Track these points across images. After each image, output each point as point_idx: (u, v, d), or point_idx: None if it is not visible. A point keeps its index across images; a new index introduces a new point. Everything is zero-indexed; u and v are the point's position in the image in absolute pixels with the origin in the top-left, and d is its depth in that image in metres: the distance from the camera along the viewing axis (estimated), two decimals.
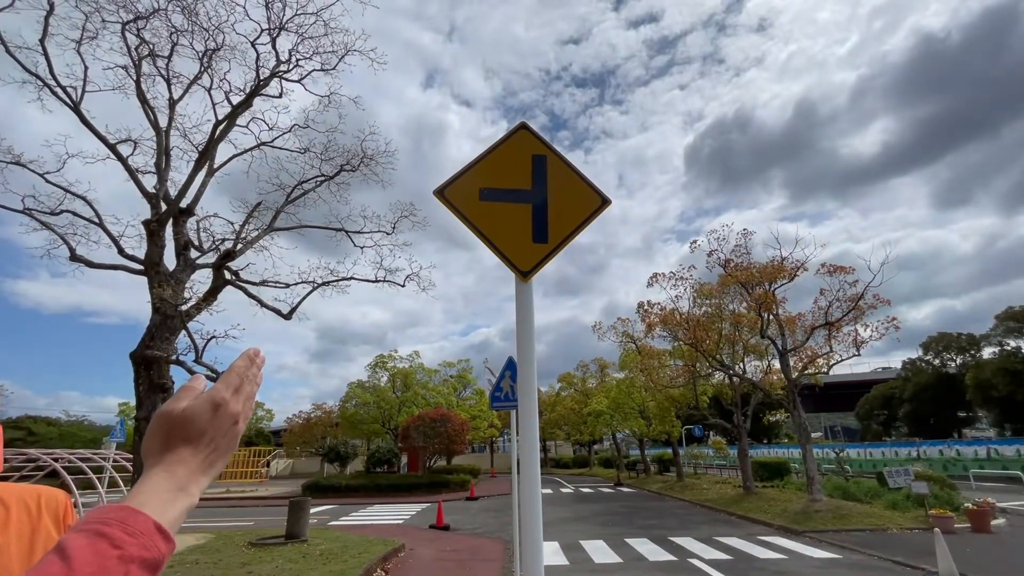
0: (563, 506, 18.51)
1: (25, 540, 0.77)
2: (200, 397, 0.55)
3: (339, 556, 9.13)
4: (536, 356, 1.96)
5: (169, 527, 0.48)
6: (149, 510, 0.47)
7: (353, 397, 33.57)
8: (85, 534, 0.44)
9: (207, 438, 0.54)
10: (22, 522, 0.78)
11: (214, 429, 0.54)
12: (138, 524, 0.46)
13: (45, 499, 0.83)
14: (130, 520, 0.46)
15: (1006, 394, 28.43)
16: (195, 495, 0.52)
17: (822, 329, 15.09)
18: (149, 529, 0.46)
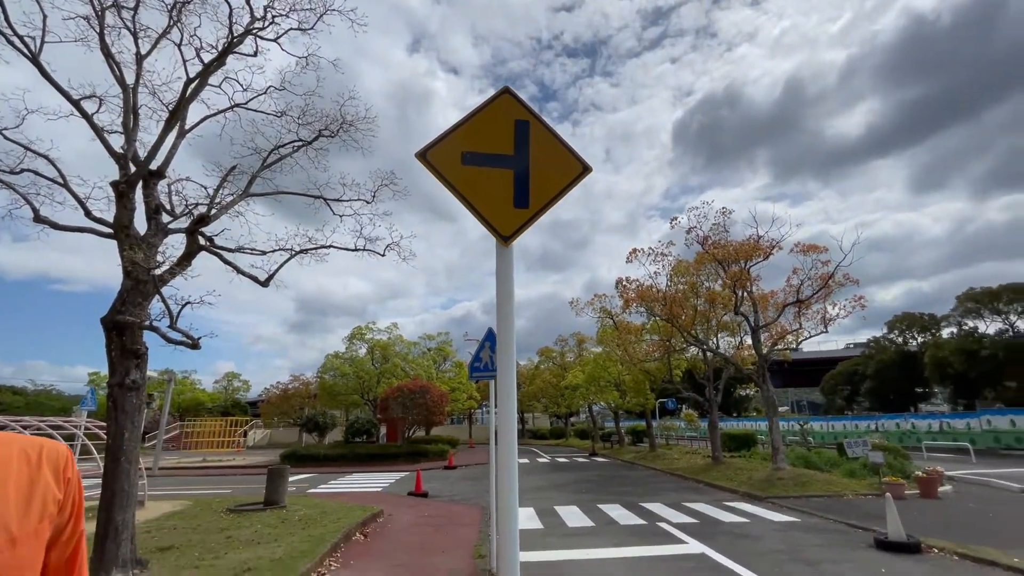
0: (539, 474, 19.02)
1: (23, 490, 0.78)
2: None
3: (318, 521, 9.28)
4: (515, 321, 2.00)
5: None
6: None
7: (331, 368, 33.48)
8: None
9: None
10: (21, 472, 0.79)
11: None
12: None
13: (47, 451, 0.84)
14: None
15: (960, 372, 29.93)
16: None
17: (793, 307, 15.55)
18: None
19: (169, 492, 14.64)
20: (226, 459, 28.05)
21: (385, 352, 33.96)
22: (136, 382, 5.61)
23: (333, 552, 7.54)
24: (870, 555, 7.28)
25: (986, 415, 27.76)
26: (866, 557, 7.18)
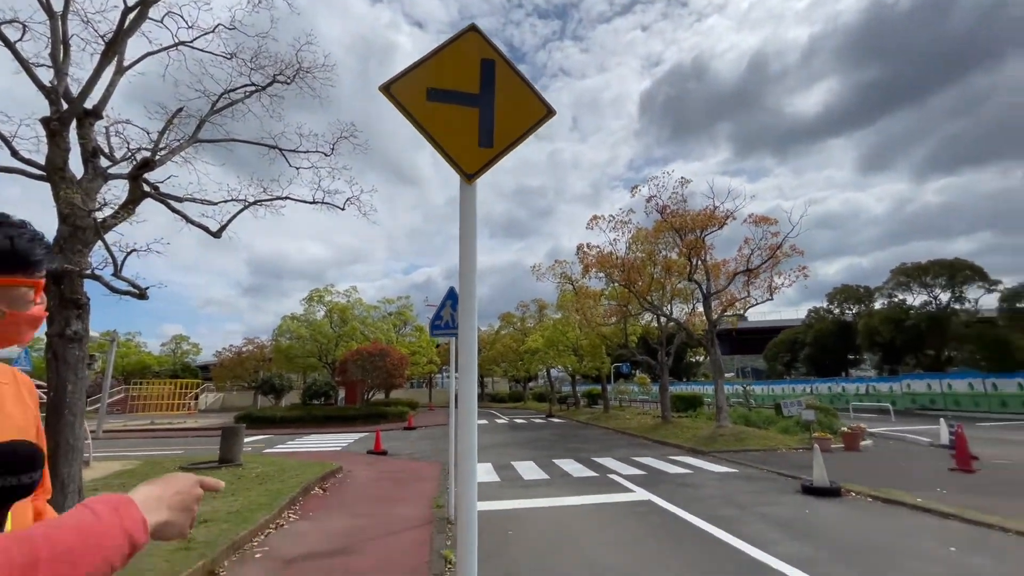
0: (497, 434, 19.57)
1: (22, 402, 0.95)
2: (195, 487, 0.84)
3: (276, 477, 9.29)
4: (478, 288, 2.06)
5: (148, 525, 0.71)
6: (143, 509, 0.72)
7: (287, 331, 32.77)
8: (105, 505, 0.68)
9: (182, 503, 0.80)
10: (10, 386, 0.95)
11: (187, 502, 0.82)
12: (135, 514, 0.70)
13: (19, 375, 0.99)
14: (132, 509, 0.70)
15: (888, 340, 32.46)
16: (160, 519, 0.75)
17: (743, 275, 16.30)
18: (139, 519, 0.70)
19: (116, 453, 14.21)
20: (176, 422, 27.31)
21: (344, 315, 33.45)
22: (78, 333, 5.35)
23: (291, 505, 7.62)
24: (797, 499, 8.01)
25: (906, 379, 30.39)
26: (793, 500, 7.89)
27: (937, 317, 30.53)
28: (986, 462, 10.57)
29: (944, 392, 27.38)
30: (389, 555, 5.53)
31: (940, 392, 27.55)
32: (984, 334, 27.42)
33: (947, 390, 27.31)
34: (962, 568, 4.99)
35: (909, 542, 5.80)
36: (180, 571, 4.64)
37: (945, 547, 5.60)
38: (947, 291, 31.06)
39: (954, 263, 30.85)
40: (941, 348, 31.33)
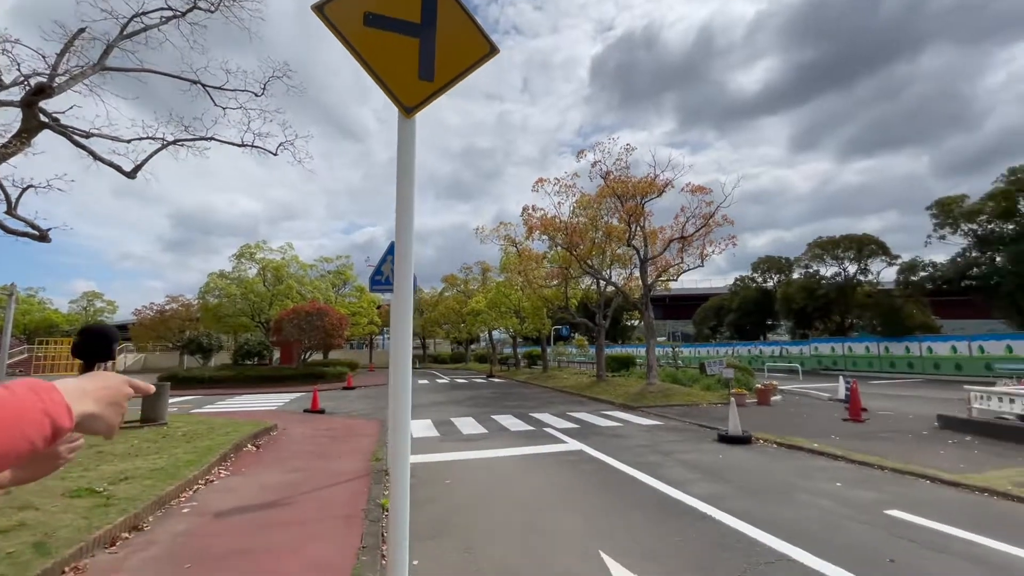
0: (438, 393, 19.78)
1: None
2: (123, 385, 0.82)
3: (205, 435, 8.96)
4: (415, 201, 2.04)
5: (72, 412, 0.68)
6: (66, 395, 0.69)
7: (215, 288, 30.92)
8: (22, 385, 0.65)
9: (110, 397, 0.77)
10: None
11: (116, 397, 0.79)
12: (57, 397, 0.67)
13: None
14: (53, 393, 0.67)
15: (801, 307, 35.44)
16: (85, 409, 0.72)
17: (677, 242, 17.04)
18: (62, 403, 0.68)
19: None
20: None
21: (278, 273, 31.96)
22: None
23: (223, 461, 7.42)
24: (713, 446, 8.77)
25: (814, 343, 33.48)
26: (710, 448, 8.64)
27: (844, 287, 33.57)
28: (873, 413, 11.99)
29: (845, 354, 30.47)
30: (325, 505, 5.56)
31: (842, 354, 30.64)
32: (881, 303, 30.52)
33: (847, 352, 30.41)
34: (845, 499, 5.72)
35: (804, 480, 6.55)
36: (100, 526, 4.45)
37: (833, 483, 6.38)
38: (855, 264, 34.09)
39: (862, 239, 33.77)
40: (845, 315, 34.61)
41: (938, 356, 25.38)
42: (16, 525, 4.36)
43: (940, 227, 28.63)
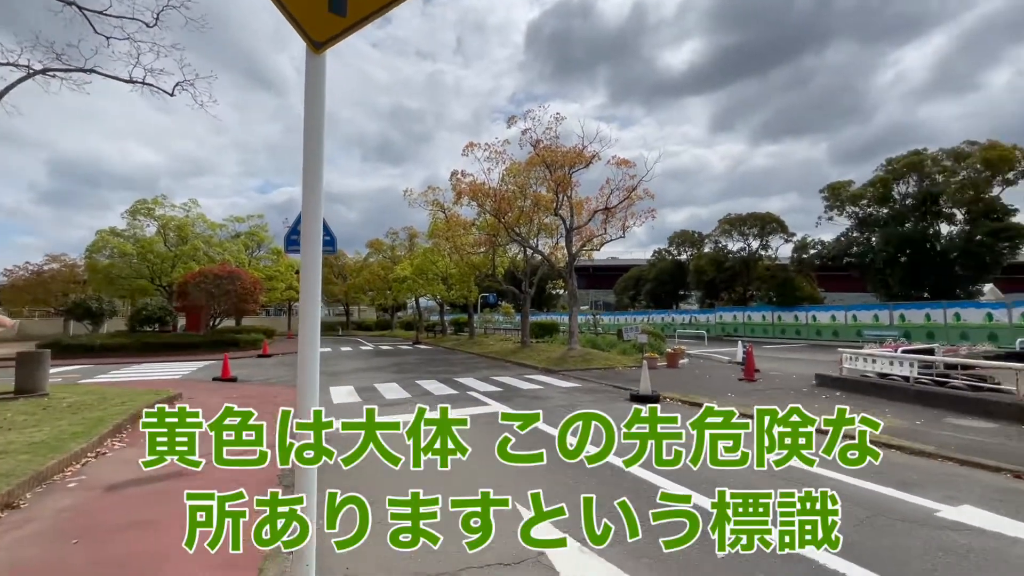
0: (361, 360, 19.36)
1: None
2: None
3: (95, 407, 8.18)
4: (327, 149, 1.94)
5: None
6: None
7: (106, 247, 27.73)
8: None
9: None
10: None
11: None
12: None
13: None
14: None
15: (711, 279, 38.29)
16: None
17: (601, 213, 17.60)
18: None
19: None
20: None
21: (182, 232, 29.21)
22: None
23: (117, 432, 6.85)
24: (625, 405, 9.40)
25: (719, 312, 36.40)
26: (622, 406, 9.25)
27: (747, 261, 36.62)
28: (765, 374, 13.36)
29: (745, 322, 33.46)
30: (238, 471, 5.34)
31: (742, 322, 33.61)
32: (777, 276, 33.77)
33: (747, 320, 33.41)
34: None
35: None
36: None
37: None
38: (758, 240, 37.17)
39: (764, 217, 36.81)
40: (747, 287, 37.87)
41: (820, 324, 28.63)
42: None
43: (830, 209, 31.81)
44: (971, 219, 26.17)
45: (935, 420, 7.62)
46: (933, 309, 23.31)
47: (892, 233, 27.69)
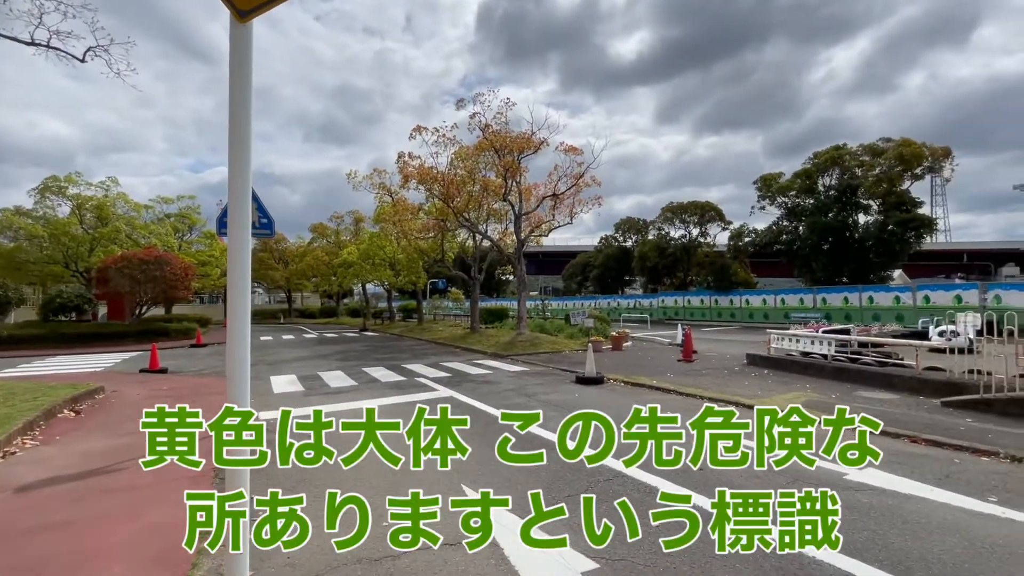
0: (304, 348, 18.73)
1: None
2: None
3: (1, 403, 7.48)
4: (252, 121, 1.85)
5: None
6: None
7: (10, 227, 25.11)
8: None
9: None
10: None
11: None
12: None
13: None
14: None
15: (654, 264, 39.71)
16: None
17: (550, 199, 17.78)
18: None
19: None
20: None
21: (101, 213, 26.88)
22: None
23: (29, 430, 6.31)
24: (571, 387, 9.65)
25: (662, 296, 37.88)
26: (568, 388, 9.49)
27: (688, 247, 38.25)
28: (702, 355, 14.08)
29: (685, 306, 35.04)
30: (167, 468, 5.07)
31: (683, 306, 35.17)
32: (715, 262, 35.51)
33: (687, 304, 35.00)
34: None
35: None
36: None
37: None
38: (697, 227, 38.84)
39: (704, 205, 38.47)
40: (688, 272, 39.59)
41: (753, 307, 30.44)
42: None
43: (762, 199, 33.65)
44: (884, 210, 28.50)
45: (848, 393, 8.35)
46: (850, 293, 25.36)
47: (816, 222, 29.71)
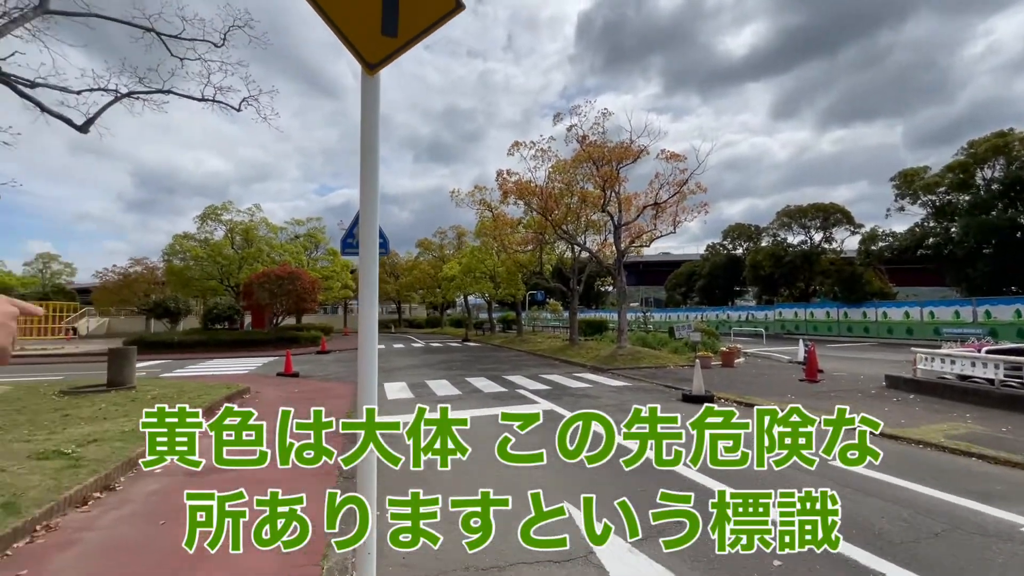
0: (412, 356, 19.92)
1: None
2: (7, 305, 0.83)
3: (175, 399, 8.90)
4: (385, 161, 2.04)
5: None
6: None
7: (180, 251, 29.89)
8: None
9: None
10: None
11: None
12: None
13: None
14: None
15: (769, 273, 36.54)
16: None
17: (651, 208, 17.21)
18: None
19: None
20: (52, 348, 24.64)
21: (247, 236, 31.03)
22: None
23: None
24: (677, 405, 9.18)
25: (779, 308, 34.72)
26: (674, 406, 9.04)
27: (809, 254, 34.66)
28: (829, 374, 12.66)
29: (807, 319, 31.76)
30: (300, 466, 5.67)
31: (804, 319, 31.92)
32: (842, 270, 31.72)
33: (809, 317, 31.69)
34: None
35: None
36: (69, 486, 4.46)
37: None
38: (820, 232, 35.13)
39: (828, 207, 34.70)
40: (809, 282, 35.88)
41: (892, 321, 26.71)
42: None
43: (901, 198, 29.57)
44: None
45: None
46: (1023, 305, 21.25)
47: (975, 222, 25.38)
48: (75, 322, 37.40)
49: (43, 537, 3.85)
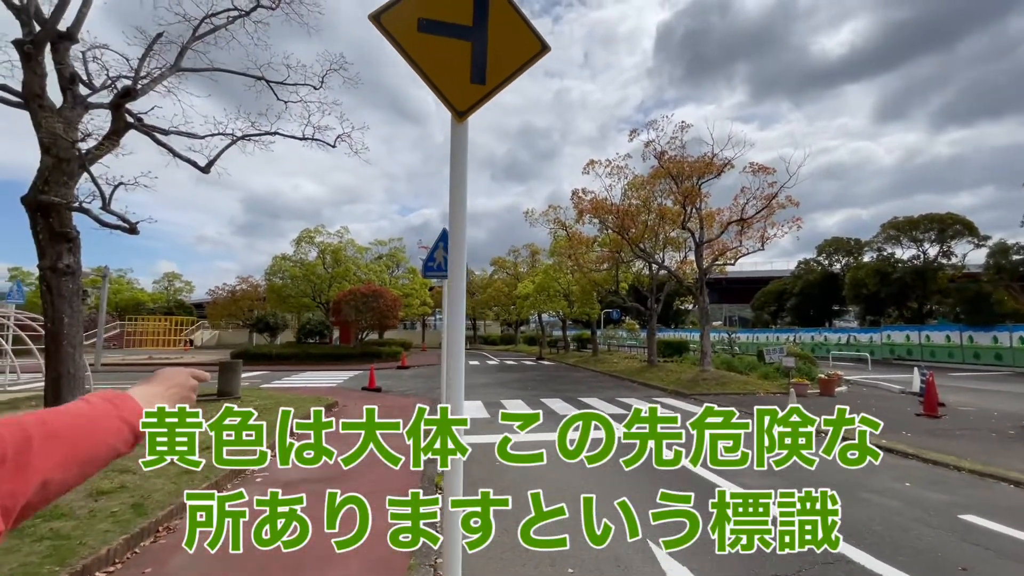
0: (488, 374, 20.17)
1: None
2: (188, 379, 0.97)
3: (273, 410, 9.64)
4: (469, 229, 2.09)
5: None
6: (141, 402, 0.80)
7: (279, 270, 32.74)
8: (99, 397, 0.75)
9: (178, 395, 0.93)
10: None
11: (183, 392, 0.95)
12: (131, 405, 0.77)
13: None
14: (128, 402, 0.77)
15: (873, 292, 33.07)
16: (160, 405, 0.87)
17: (736, 224, 16.31)
18: (137, 410, 0.78)
19: (116, 385, 14.54)
20: (173, 357, 27.79)
21: (336, 256, 33.37)
22: (70, 266, 5.37)
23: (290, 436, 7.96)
24: None
25: (887, 330, 31.28)
26: None
27: (922, 271, 31.00)
28: (952, 408, 11.15)
29: (921, 343, 28.30)
30: (381, 479, 5.88)
31: (918, 343, 28.47)
32: (965, 288, 27.96)
33: (925, 341, 28.22)
34: (914, 500, 5.42)
35: (868, 478, 6.23)
36: (187, 491, 4.93)
37: (901, 483, 6.04)
38: (936, 245, 31.37)
39: (945, 217, 30.94)
40: (923, 301, 32.05)
41: None
42: (118, 488, 4.92)
43: None
44: None
45: None
46: None
47: None
48: (192, 334, 42.03)
49: (164, 537, 4.28)
